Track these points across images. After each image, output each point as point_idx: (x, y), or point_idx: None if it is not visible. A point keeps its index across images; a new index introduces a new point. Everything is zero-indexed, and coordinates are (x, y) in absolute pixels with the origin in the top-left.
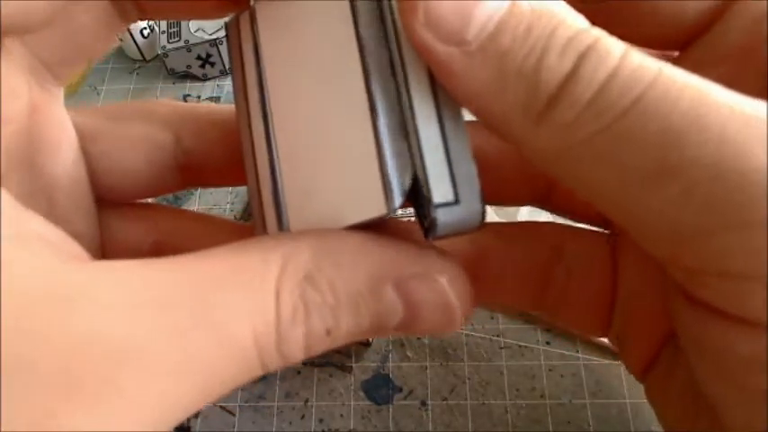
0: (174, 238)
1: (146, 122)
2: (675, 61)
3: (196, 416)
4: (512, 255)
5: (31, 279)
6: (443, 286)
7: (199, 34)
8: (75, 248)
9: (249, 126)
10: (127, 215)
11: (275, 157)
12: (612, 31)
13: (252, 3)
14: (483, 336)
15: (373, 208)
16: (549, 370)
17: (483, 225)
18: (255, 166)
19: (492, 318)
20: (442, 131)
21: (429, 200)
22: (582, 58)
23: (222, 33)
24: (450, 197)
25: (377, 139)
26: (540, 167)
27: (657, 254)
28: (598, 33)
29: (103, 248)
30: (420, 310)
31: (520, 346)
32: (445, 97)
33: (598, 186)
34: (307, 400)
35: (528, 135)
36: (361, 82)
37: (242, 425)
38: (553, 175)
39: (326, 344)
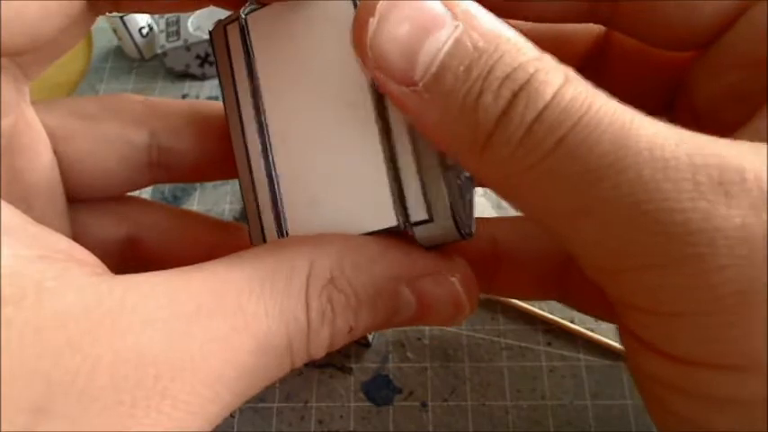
0: (150, 231)
1: (120, 121)
2: (692, 66)
3: None
4: (528, 248)
5: (68, 297)
6: (455, 285)
7: (198, 33)
8: (96, 261)
9: (243, 137)
10: (97, 210)
11: (273, 168)
12: (627, 32)
13: (243, 15)
14: (484, 336)
15: (384, 220)
16: (551, 371)
17: (470, 236)
18: (251, 177)
19: (493, 318)
20: (417, 159)
21: (405, 220)
22: (514, 97)
23: None
24: (425, 217)
25: (391, 157)
26: (493, 191)
27: (592, 279)
28: (535, 68)
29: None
30: (432, 306)
31: (521, 347)
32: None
33: (535, 215)
34: (306, 402)
35: (474, 166)
36: (370, 103)
37: (241, 426)
38: (504, 199)
39: (346, 340)
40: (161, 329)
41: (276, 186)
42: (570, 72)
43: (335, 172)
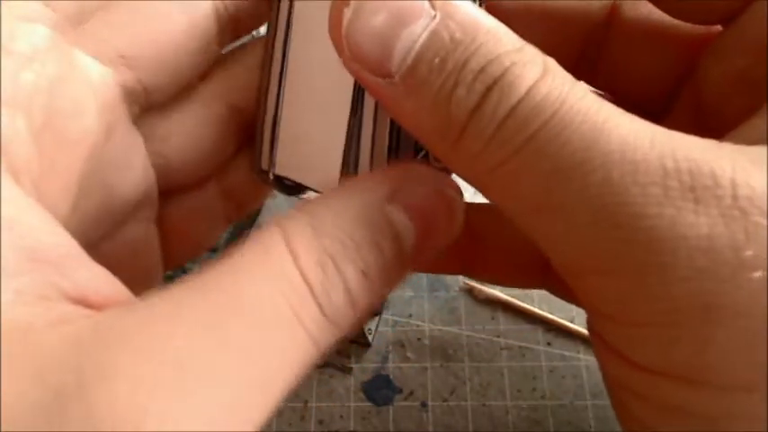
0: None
1: (200, 102)
2: (702, 50)
3: None
4: (512, 235)
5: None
6: (437, 184)
7: None
8: (108, 296)
9: (270, 65)
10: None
11: (281, 99)
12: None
13: None
14: (484, 337)
15: (331, 178)
16: (551, 371)
17: None
18: (265, 101)
19: (493, 318)
20: (372, 145)
21: None
22: (488, 91)
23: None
24: None
25: (357, 135)
26: (467, 183)
27: (561, 277)
28: (511, 61)
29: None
30: (426, 214)
31: (521, 347)
32: (381, 121)
33: (506, 210)
34: (306, 402)
35: (448, 158)
36: (351, 83)
37: None
38: (478, 191)
39: (367, 288)
40: (170, 359)
41: (278, 119)
42: (550, 63)
43: (313, 120)
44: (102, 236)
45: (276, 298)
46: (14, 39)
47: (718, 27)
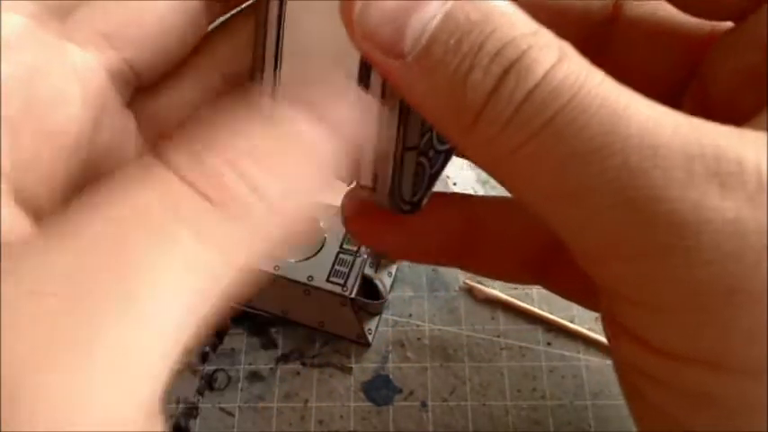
0: None
1: (194, 76)
2: (712, 45)
3: (195, 416)
4: (511, 229)
5: None
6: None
7: None
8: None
9: (264, 42)
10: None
11: (278, 80)
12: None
13: None
14: (484, 336)
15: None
16: (550, 371)
17: (410, 212)
18: (261, 80)
19: (493, 318)
20: (379, 131)
21: (357, 179)
22: (504, 74)
23: None
24: (369, 184)
25: None
26: (481, 169)
27: (579, 264)
28: (528, 44)
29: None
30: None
31: (521, 347)
32: (389, 105)
33: (522, 197)
34: (306, 401)
35: (462, 143)
36: (357, 62)
37: (241, 426)
38: (492, 178)
39: (252, 171)
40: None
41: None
42: (567, 48)
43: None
44: None
45: (167, 217)
46: None
47: (726, 24)
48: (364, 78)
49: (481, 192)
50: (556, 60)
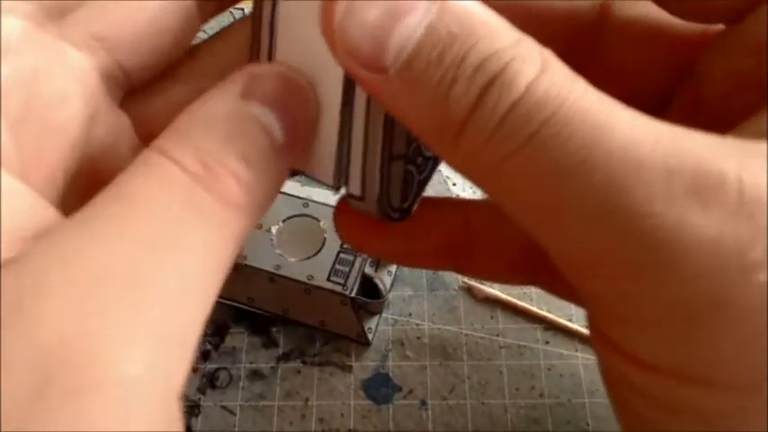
0: None
1: (188, 81)
2: (706, 48)
3: (197, 415)
4: (505, 232)
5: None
6: (280, 72)
7: (199, 35)
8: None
9: (257, 51)
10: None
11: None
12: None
13: None
14: (482, 335)
15: (325, 176)
16: (549, 369)
17: (400, 219)
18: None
19: (491, 317)
20: (365, 140)
21: (346, 188)
22: (487, 87)
23: None
24: (358, 193)
25: (348, 129)
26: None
27: (563, 274)
28: (510, 56)
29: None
30: (281, 101)
31: (519, 346)
32: (374, 114)
33: (507, 209)
34: (307, 400)
35: (446, 156)
36: (341, 74)
37: (242, 424)
38: (479, 188)
39: (253, 173)
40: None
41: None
42: (549, 58)
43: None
44: None
45: (171, 197)
46: None
47: (718, 26)
48: (350, 88)
49: (480, 192)
50: (538, 71)
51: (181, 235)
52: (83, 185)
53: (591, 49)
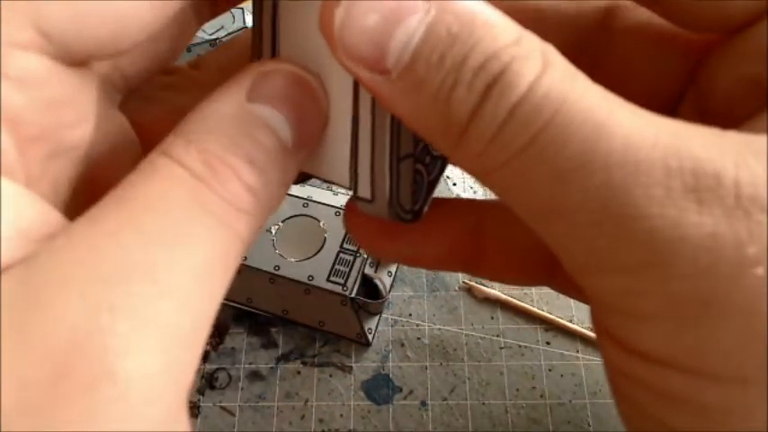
0: None
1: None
2: (712, 52)
3: (196, 415)
4: (516, 232)
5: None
6: (290, 71)
7: (199, 35)
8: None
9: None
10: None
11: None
12: (653, 9)
13: None
14: (483, 336)
15: (341, 178)
16: (549, 370)
17: (411, 221)
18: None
19: (492, 318)
20: (372, 141)
21: (354, 192)
22: (488, 90)
23: (222, 34)
24: (367, 196)
25: (356, 132)
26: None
27: (568, 274)
28: (511, 56)
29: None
30: (289, 102)
31: (520, 346)
32: (380, 115)
33: (512, 208)
34: (307, 401)
35: (451, 155)
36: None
37: (242, 425)
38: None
39: (259, 175)
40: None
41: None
42: (551, 54)
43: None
44: None
45: (178, 199)
46: (8, 65)
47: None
48: (355, 88)
49: (480, 191)
50: (539, 71)
51: (190, 234)
52: (85, 188)
53: (597, 54)
